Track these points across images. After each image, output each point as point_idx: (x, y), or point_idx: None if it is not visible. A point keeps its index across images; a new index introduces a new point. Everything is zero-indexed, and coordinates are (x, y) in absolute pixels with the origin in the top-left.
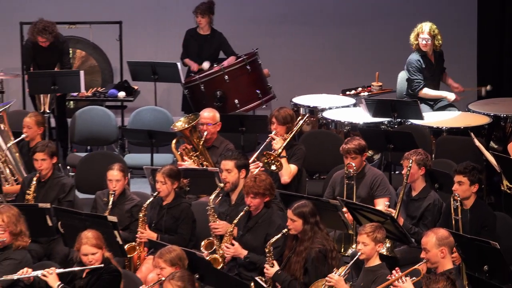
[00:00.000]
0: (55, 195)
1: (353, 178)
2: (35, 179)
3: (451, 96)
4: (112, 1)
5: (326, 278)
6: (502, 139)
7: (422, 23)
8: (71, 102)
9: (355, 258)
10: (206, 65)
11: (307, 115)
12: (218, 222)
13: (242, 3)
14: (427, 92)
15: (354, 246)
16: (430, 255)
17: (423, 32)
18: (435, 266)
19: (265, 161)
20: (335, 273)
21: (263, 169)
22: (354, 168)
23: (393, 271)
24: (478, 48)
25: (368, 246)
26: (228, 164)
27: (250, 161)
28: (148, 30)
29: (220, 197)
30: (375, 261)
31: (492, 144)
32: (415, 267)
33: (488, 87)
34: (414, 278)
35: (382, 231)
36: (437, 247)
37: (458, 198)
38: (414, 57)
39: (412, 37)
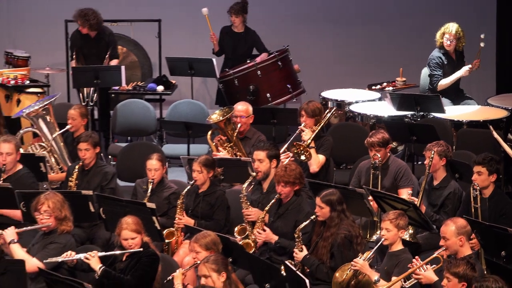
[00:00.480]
0: (97, 183)
1: (379, 168)
2: (77, 167)
3: (464, 71)
4: (152, 0)
5: (352, 262)
6: None
7: (449, 23)
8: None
9: (379, 244)
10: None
11: (335, 108)
12: (251, 209)
13: (275, 3)
14: (442, 82)
15: (378, 232)
16: (449, 243)
17: (450, 32)
18: (454, 253)
19: (295, 151)
20: (360, 258)
21: (293, 159)
22: (380, 159)
23: (414, 260)
24: (497, 46)
25: (391, 232)
26: (260, 154)
27: (281, 151)
28: (185, 27)
29: (252, 186)
30: (398, 246)
31: (509, 136)
32: (435, 255)
33: (482, 36)
34: (434, 265)
35: (404, 218)
36: (456, 236)
37: (477, 188)
38: (436, 54)
39: (438, 34)
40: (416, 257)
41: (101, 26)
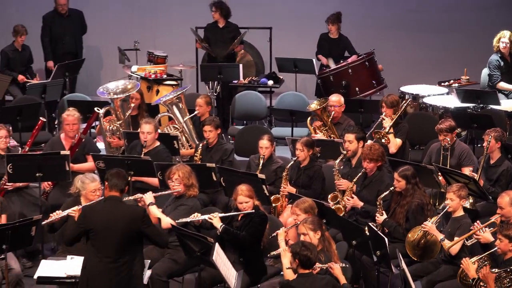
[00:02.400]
0: (219, 157)
1: (448, 150)
2: (201, 145)
3: None
4: (264, 11)
5: (422, 225)
6: None
7: (504, 30)
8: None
9: (444, 210)
10: (331, 63)
11: (410, 100)
12: (342, 180)
13: (364, 15)
14: (503, 85)
15: (444, 201)
16: (504, 211)
17: (505, 37)
18: (507, 220)
19: (377, 137)
20: (429, 222)
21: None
22: (449, 142)
23: (475, 223)
24: None
25: (455, 201)
26: (350, 136)
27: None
28: (291, 34)
29: (343, 161)
30: (460, 213)
31: None
32: (492, 220)
33: None
34: (491, 228)
35: (465, 190)
36: (510, 205)
37: None
38: (494, 57)
39: (495, 40)
40: (477, 221)
41: (229, 17)
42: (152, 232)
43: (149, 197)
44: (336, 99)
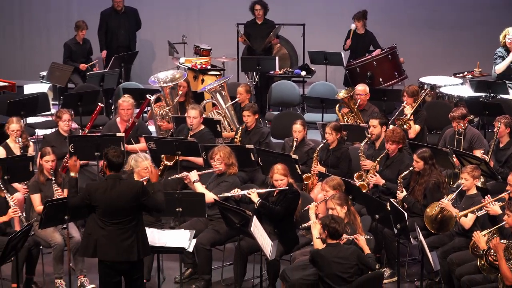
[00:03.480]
0: (257, 139)
1: (461, 134)
2: (241, 129)
3: None
4: (298, 9)
5: (439, 201)
6: None
7: (509, 27)
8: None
9: (459, 189)
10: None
11: (429, 90)
12: (366, 161)
13: (388, 12)
14: (498, 67)
15: (459, 180)
16: None
17: (509, 33)
18: None
19: (399, 123)
20: (446, 199)
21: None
22: (463, 127)
23: (486, 197)
24: None
25: (468, 181)
26: (374, 122)
27: (389, 122)
28: (322, 29)
29: (368, 144)
30: (473, 191)
31: None
32: (501, 195)
33: None
34: (500, 202)
35: (478, 170)
36: None
37: None
38: (500, 49)
39: (501, 36)
40: (488, 195)
41: (267, 14)
42: (151, 202)
43: (194, 175)
44: (362, 88)
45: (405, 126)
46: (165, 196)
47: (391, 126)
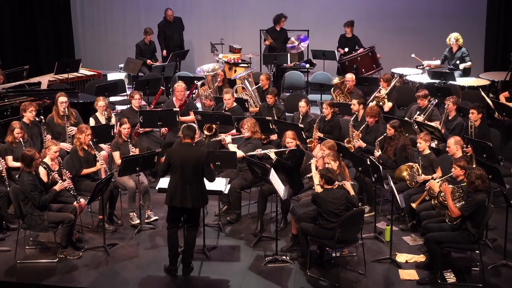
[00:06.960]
0: (277, 114)
1: (425, 109)
2: (263, 106)
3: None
4: (302, 16)
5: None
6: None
7: (452, 33)
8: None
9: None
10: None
11: (398, 78)
12: (354, 130)
13: (369, 20)
14: (467, 64)
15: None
16: (450, 149)
17: (451, 37)
18: (452, 154)
19: (377, 101)
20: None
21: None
22: (425, 105)
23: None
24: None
25: (424, 143)
26: (354, 101)
27: (368, 101)
28: (322, 34)
29: (354, 117)
30: (427, 151)
31: (491, 95)
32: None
33: None
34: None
35: (429, 135)
36: (453, 145)
37: (472, 121)
38: (447, 49)
39: (447, 39)
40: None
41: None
42: (208, 170)
43: (228, 138)
44: (350, 76)
45: (380, 103)
46: (208, 154)
47: (370, 104)
